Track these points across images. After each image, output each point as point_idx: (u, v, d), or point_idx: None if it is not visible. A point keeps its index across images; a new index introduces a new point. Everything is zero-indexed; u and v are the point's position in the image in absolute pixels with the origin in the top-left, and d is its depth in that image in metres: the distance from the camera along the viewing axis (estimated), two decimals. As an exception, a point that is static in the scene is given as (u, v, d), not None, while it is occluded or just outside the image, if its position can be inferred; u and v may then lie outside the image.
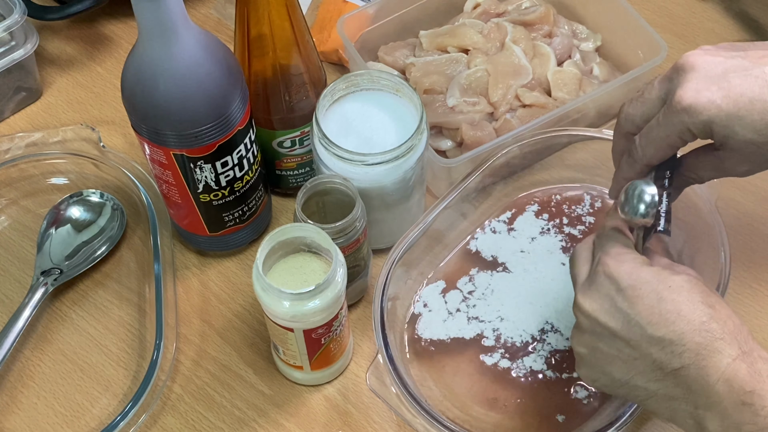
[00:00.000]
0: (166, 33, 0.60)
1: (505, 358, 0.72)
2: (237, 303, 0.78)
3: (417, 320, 0.74)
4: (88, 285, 0.79)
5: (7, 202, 0.84)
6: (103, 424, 0.71)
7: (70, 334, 0.77)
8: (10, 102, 0.89)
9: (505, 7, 0.89)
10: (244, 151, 0.70)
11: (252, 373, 0.74)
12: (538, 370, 0.71)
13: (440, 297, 0.75)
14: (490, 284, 0.75)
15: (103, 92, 0.92)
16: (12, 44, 0.85)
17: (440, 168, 0.79)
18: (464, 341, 0.73)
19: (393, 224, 0.76)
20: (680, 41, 0.95)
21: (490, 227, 0.78)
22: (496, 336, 0.73)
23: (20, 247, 0.81)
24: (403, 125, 0.71)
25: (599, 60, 0.88)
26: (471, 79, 0.82)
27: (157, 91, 0.63)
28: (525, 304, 0.74)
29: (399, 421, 0.71)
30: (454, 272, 0.76)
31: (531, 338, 0.72)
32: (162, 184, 0.72)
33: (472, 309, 0.74)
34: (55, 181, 0.85)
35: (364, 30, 0.87)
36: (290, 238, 0.65)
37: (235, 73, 0.66)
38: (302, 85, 0.73)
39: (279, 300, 0.63)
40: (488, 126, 0.81)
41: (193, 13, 0.97)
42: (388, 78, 0.72)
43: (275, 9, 0.68)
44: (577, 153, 0.84)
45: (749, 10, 0.97)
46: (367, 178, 0.69)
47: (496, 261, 0.77)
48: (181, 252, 0.81)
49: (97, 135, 0.84)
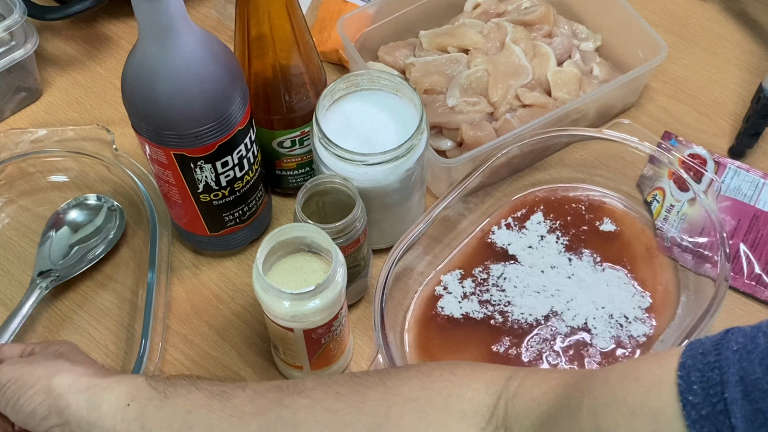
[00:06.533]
0: (166, 33, 0.60)
1: (513, 344, 0.73)
2: (237, 303, 0.78)
3: (438, 300, 0.76)
4: (89, 286, 0.79)
5: (6, 201, 0.84)
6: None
7: (70, 334, 0.77)
8: (10, 102, 0.89)
9: (505, 7, 0.89)
10: (244, 151, 0.70)
11: (252, 373, 0.74)
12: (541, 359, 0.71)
13: (458, 282, 0.77)
14: (503, 274, 0.77)
15: (103, 92, 0.92)
16: (12, 44, 0.85)
17: (440, 168, 0.79)
18: (475, 321, 0.75)
19: (393, 224, 0.76)
20: (680, 41, 0.95)
21: (505, 223, 0.80)
22: (504, 318, 0.74)
23: (20, 247, 0.81)
24: (403, 125, 0.71)
25: (599, 60, 0.88)
26: (471, 79, 0.82)
27: (157, 91, 0.63)
28: (532, 292, 0.76)
29: (399, 421, 0.71)
30: (471, 262, 0.78)
31: (536, 321, 0.74)
32: (162, 184, 0.72)
33: (485, 294, 0.76)
34: (56, 179, 0.85)
35: (364, 30, 0.87)
36: (290, 238, 0.65)
37: (235, 73, 0.66)
38: (302, 85, 0.73)
39: (279, 300, 0.63)
40: (488, 126, 0.81)
41: (193, 13, 0.97)
42: (388, 78, 0.72)
43: (275, 9, 0.68)
44: (577, 153, 0.84)
45: (749, 10, 0.97)
46: (367, 178, 0.69)
47: (507, 254, 0.78)
48: (181, 252, 0.81)
49: (111, 137, 0.84)
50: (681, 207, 0.79)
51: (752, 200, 0.82)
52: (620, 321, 0.74)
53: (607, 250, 0.78)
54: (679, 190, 0.79)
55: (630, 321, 0.74)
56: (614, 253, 0.78)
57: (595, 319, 0.74)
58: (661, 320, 0.74)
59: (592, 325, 0.74)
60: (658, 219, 0.80)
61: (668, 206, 0.80)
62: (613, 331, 0.73)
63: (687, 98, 0.90)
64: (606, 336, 0.73)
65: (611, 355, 0.72)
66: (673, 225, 0.79)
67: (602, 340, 0.73)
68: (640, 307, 0.75)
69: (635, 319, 0.74)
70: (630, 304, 0.75)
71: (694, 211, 0.77)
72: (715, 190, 0.76)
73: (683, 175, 0.77)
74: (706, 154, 0.85)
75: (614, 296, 0.75)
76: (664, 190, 0.80)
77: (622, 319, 0.74)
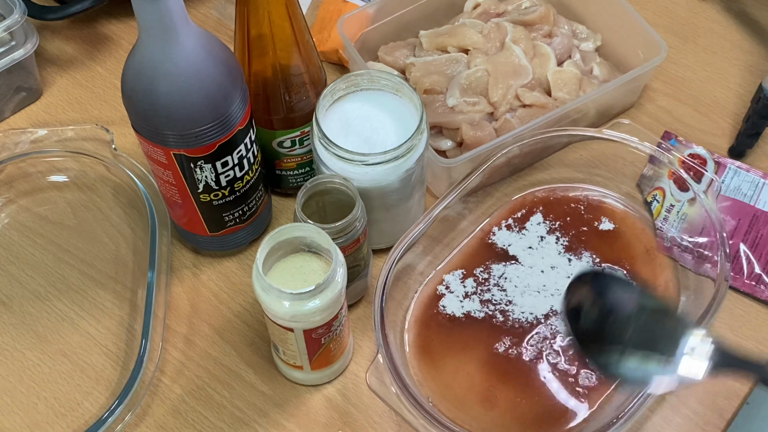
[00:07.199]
0: (166, 33, 0.60)
1: (513, 344, 0.73)
2: (237, 303, 0.78)
3: (440, 299, 0.76)
4: (88, 285, 0.79)
5: (6, 201, 0.84)
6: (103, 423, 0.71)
7: (70, 334, 0.77)
8: (10, 102, 0.89)
9: (505, 7, 0.89)
10: (244, 151, 0.70)
11: (252, 373, 0.74)
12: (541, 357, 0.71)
13: (460, 282, 0.77)
14: (503, 274, 0.77)
15: (103, 92, 0.92)
16: (12, 44, 0.85)
17: (440, 168, 0.79)
18: (477, 320, 0.74)
19: (393, 224, 0.76)
20: (680, 41, 0.95)
21: (506, 224, 0.80)
22: (504, 317, 0.74)
23: (20, 247, 0.81)
24: (403, 125, 0.71)
25: (599, 60, 0.88)
26: (471, 79, 0.82)
27: (157, 91, 0.63)
28: (533, 292, 0.76)
29: (399, 421, 0.71)
30: (472, 262, 0.78)
31: (536, 320, 0.74)
32: (162, 184, 0.72)
33: (487, 293, 0.76)
34: (55, 179, 0.85)
35: (364, 30, 0.87)
36: (290, 238, 0.65)
37: (235, 73, 0.66)
38: (302, 85, 0.73)
39: (279, 300, 0.63)
40: (488, 126, 0.81)
41: (193, 13, 0.97)
42: (388, 78, 0.72)
43: (275, 9, 0.68)
44: (577, 153, 0.84)
45: (749, 10, 0.97)
46: (367, 178, 0.69)
47: (508, 254, 0.78)
48: (181, 252, 0.81)
49: (111, 137, 0.84)
50: (681, 207, 0.79)
51: (752, 200, 0.82)
52: (620, 321, 0.74)
53: (607, 250, 0.78)
54: (679, 190, 0.79)
55: (630, 321, 0.74)
56: (614, 253, 0.78)
57: (595, 319, 0.74)
58: (661, 320, 0.74)
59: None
60: (658, 219, 0.80)
61: (668, 206, 0.80)
62: (613, 331, 0.74)
63: (687, 98, 0.90)
64: (606, 336, 0.73)
65: (611, 355, 0.72)
66: (673, 225, 0.79)
67: (602, 340, 0.73)
68: (640, 307, 0.75)
69: (635, 318, 0.74)
70: (630, 304, 0.75)
71: (694, 211, 0.77)
72: (715, 190, 0.76)
73: (683, 175, 0.77)
74: (706, 154, 0.85)
75: (614, 296, 0.75)
76: (664, 190, 0.80)
77: (622, 319, 0.74)
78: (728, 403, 0.72)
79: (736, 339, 0.75)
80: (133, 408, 0.71)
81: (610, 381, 0.70)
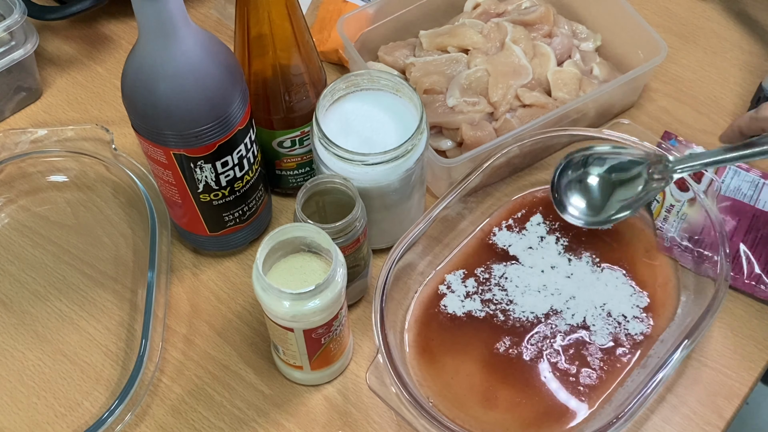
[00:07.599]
0: (166, 33, 0.60)
1: (513, 343, 0.73)
2: (237, 303, 0.78)
3: (441, 298, 0.76)
4: (88, 285, 0.79)
5: (6, 201, 0.84)
6: (103, 423, 0.71)
7: (70, 334, 0.77)
8: (10, 102, 0.89)
9: (505, 7, 0.89)
10: (244, 151, 0.70)
11: (252, 373, 0.74)
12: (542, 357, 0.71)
13: (461, 282, 0.77)
14: (504, 274, 0.77)
15: (103, 92, 0.92)
16: (12, 44, 0.85)
17: (440, 168, 0.79)
18: (477, 320, 0.75)
19: (393, 224, 0.76)
20: (680, 41, 0.95)
21: (506, 224, 0.80)
22: (505, 317, 0.75)
23: (20, 247, 0.81)
24: (403, 125, 0.71)
25: (599, 60, 0.88)
26: (471, 79, 0.82)
27: (157, 91, 0.63)
28: (533, 291, 0.76)
29: (399, 421, 0.71)
30: (472, 262, 0.78)
31: (536, 319, 0.74)
32: (162, 184, 0.72)
33: (487, 293, 0.76)
34: (55, 179, 0.85)
35: (364, 30, 0.87)
36: (290, 238, 0.65)
37: (235, 73, 0.66)
38: (302, 85, 0.73)
39: (279, 300, 0.63)
40: (488, 126, 0.81)
41: (193, 13, 0.98)
42: (388, 78, 0.72)
43: (275, 9, 0.68)
44: (577, 153, 0.84)
45: (749, 10, 0.97)
46: (367, 178, 0.69)
47: (508, 254, 0.78)
48: (181, 252, 0.81)
49: (110, 137, 0.84)
50: (681, 207, 0.79)
51: (752, 200, 0.82)
52: (618, 319, 0.74)
53: (607, 250, 0.78)
54: (679, 190, 0.79)
55: (628, 319, 0.74)
56: (614, 253, 0.78)
57: (594, 317, 0.74)
58: (660, 320, 0.74)
59: (590, 323, 0.74)
60: (658, 219, 0.80)
61: (668, 206, 0.80)
62: (611, 329, 0.73)
63: (687, 98, 0.90)
64: (604, 333, 0.73)
65: (610, 352, 0.72)
66: (673, 225, 0.79)
67: (601, 338, 0.73)
68: (638, 306, 0.75)
69: (633, 317, 0.74)
70: (628, 303, 0.75)
71: (694, 211, 0.77)
72: (714, 190, 0.76)
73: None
74: (706, 154, 0.85)
75: (612, 295, 0.75)
76: (664, 190, 0.80)
77: (620, 318, 0.74)
78: (728, 403, 0.72)
79: (736, 339, 0.75)
80: (133, 408, 0.71)
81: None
